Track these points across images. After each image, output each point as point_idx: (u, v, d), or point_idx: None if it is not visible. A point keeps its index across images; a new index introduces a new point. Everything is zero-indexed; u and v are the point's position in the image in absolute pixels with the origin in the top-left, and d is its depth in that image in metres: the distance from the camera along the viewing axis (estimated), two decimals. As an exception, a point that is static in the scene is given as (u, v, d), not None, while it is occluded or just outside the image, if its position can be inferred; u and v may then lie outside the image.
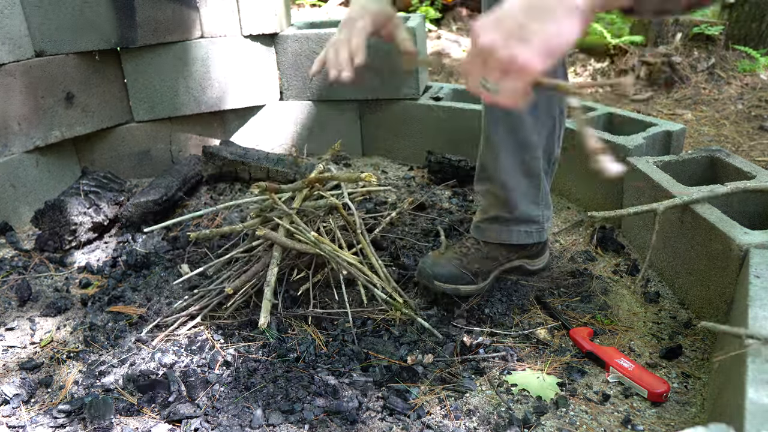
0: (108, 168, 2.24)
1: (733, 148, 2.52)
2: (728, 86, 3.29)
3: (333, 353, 1.28)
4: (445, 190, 2.12)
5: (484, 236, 1.48)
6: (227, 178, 2.18)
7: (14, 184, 1.95)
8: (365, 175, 1.41)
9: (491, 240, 1.47)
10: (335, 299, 1.44)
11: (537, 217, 1.46)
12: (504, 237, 1.46)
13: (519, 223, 1.45)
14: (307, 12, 5.23)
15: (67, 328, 1.45)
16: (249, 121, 2.42)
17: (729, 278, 1.24)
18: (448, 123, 2.25)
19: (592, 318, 1.41)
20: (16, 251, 1.80)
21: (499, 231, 1.46)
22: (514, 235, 1.46)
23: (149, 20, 2.09)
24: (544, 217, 1.47)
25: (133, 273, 1.65)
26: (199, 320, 1.37)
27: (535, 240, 1.48)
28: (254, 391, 1.17)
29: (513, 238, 1.46)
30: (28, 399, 1.21)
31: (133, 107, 2.24)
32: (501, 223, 1.46)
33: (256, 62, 2.29)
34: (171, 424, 1.11)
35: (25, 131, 1.97)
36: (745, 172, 1.50)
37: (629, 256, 1.65)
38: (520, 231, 1.46)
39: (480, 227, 1.49)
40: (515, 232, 1.46)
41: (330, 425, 1.10)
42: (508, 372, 1.24)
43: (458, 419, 1.12)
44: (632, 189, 1.65)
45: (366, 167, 2.36)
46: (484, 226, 1.48)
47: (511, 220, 1.45)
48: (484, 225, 1.48)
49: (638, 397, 1.17)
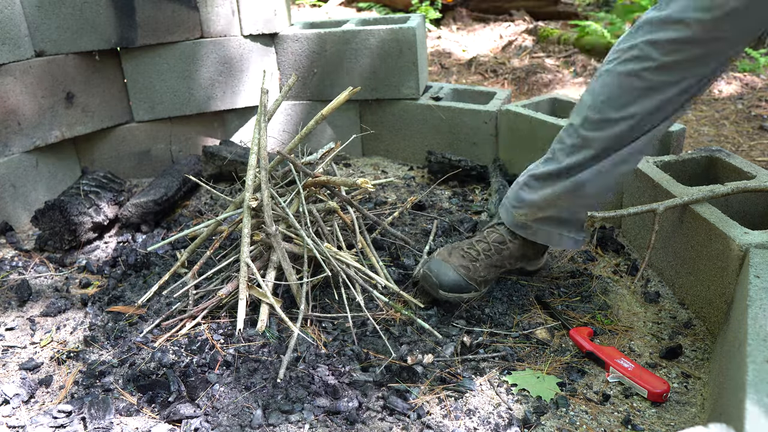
0: (108, 168, 2.24)
1: (733, 148, 2.52)
2: (728, 86, 3.30)
3: (333, 353, 1.28)
4: (445, 190, 2.12)
5: (533, 236, 1.43)
6: (227, 178, 2.18)
7: (14, 184, 1.95)
8: (361, 182, 1.41)
9: (539, 241, 1.43)
10: (335, 299, 1.44)
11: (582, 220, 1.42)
12: (554, 241, 1.42)
13: (573, 229, 1.42)
14: (307, 12, 5.23)
15: (67, 328, 1.45)
16: (249, 121, 2.42)
17: (729, 278, 1.24)
18: (448, 123, 2.26)
19: (592, 318, 1.41)
20: (16, 251, 1.80)
21: (551, 234, 1.42)
22: (564, 241, 1.43)
23: (149, 20, 2.09)
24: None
25: (133, 273, 1.65)
26: (199, 320, 1.37)
27: (574, 247, 1.46)
28: (254, 391, 1.17)
29: (563, 243, 1.43)
30: (28, 399, 1.21)
31: (133, 107, 2.24)
32: (556, 226, 1.41)
33: (256, 62, 2.29)
34: (171, 424, 1.11)
35: (25, 131, 1.97)
36: (745, 172, 1.50)
37: (629, 256, 1.65)
38: (570, 237, 1.43)
39: (530, 226, 1.42)
40: (566, 238, 1.43)
41: (330, 425, 1.10)
42: (508, 372, 1.24)
43: (458, 419, 1.12)
44: (632, 189, 1.65)
45: (366, 167, 2.36)
46: (536, 226, 1.42)
47: (570, 222, 1.41)
48: (537, 225, 1.42)
49: (638, 397, 1.17)
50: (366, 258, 1.54)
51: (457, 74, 3.82)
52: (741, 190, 1.39)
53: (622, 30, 4.22)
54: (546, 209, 1.39)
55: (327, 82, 2.34)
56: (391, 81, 2.28)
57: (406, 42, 2.21)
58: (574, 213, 1.40)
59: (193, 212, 2.02)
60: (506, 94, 2.35)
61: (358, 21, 2.47)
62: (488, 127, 2.19)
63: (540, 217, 1.41)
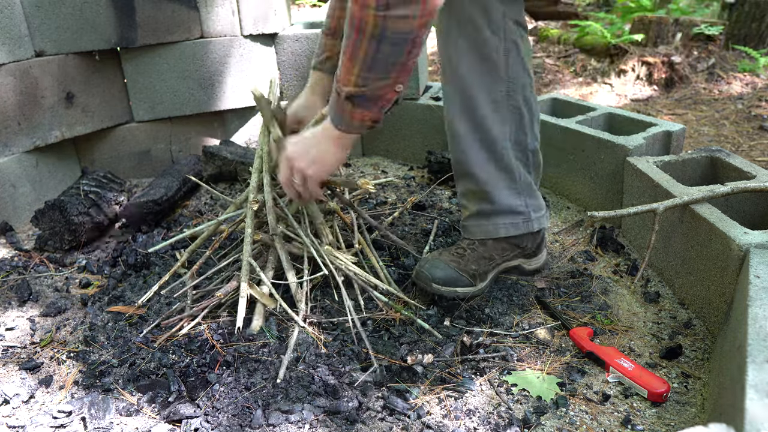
0: (108, 168, 2.24)
1: (733, 148, 2.52)
2: (728, 86, 3.30)
3: (333, 353, 1.28)
4: (445, 190, 2.12)
5: (471, 234, 1.48)
6: (227, 178, 2.18)
7: (14, 184, 1.95)
8: (362, 182, 1.42)
9: (478, 236, 1.46)
10: (335, 299, 1.44)
11: (518, 206, 1.43)
12: (490, 231, 1.45)
13: (501, 215, 1.44)
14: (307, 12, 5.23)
15: (67, 328, 1.45)
16: (249, 121, 2.42)
17: (729, 278, 1.24)
18: (448, 123, 2.25)
19: (592, 318, 1.41)
20: (16, 251, 1.80)
21: (485, 226, 1.45)
22: (500, 229, 1.45)
23: (149, 20, 2.09)
24: (529, 207, 1.45)
25: (133, 273, 1.65)
26: (199, 320, 1.37)
27: (522, 230, 1.45)
28: (254, 391, 1.17)
29: (499, 231, 1.45)
30: (28, 399, 1.21)
31: (133, 107, 2.24)
32: (484, 218, 1.45)
33: (256, 62, 2.29)
34: (171, 424, 1.11)
35: (25, 131, 1.97)
36: (745, 172, 1.50)
37: (629, 256, 1.65)
38: (505, 223, 1.44)
39: (466, 226, 1.49)
40: (501, 226, 1.45)
41: (330, 425, 1.10)
42: (508, 372, 1.24)
43: (458, 419, 1.12)
44: (632, 189, 1.65)
45: (366, 167, 2.36)
46: (469, 224, 1.48)
47: (492, 213, 1.44)
48: (470, 223, 1.48)
49: (638, 397, 1.17)
50: (366, 258, 1.54)
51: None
52: (741, 190, 1.39)
53: (622, 30, 4.22)
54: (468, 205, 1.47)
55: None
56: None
57: (406, 42, 2.21)
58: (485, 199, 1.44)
59: (193, 212, 2.02)
60: (506, 94, 2.34)
61: (358, 21, 2.46)
62: (488, 127, 2.19)
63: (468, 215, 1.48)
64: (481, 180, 1.41)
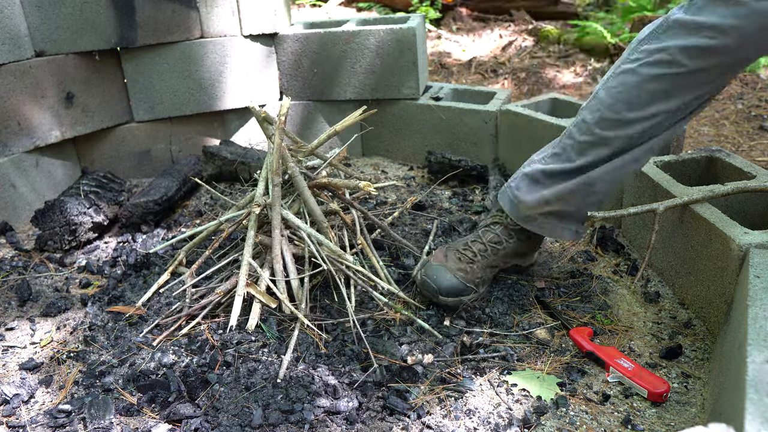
0: (108, 168, 2.24)
1: (733, 148, 2.52)
2: (728, 86, 3.29)
3: (333, 353, 1.28)
4: (445, 190, 2.12)
5: (538, 228, 1.44)
6: (227, 178, 2.18)
7: (14, 184, 1.95)
8: (363, 184, 1.42)
9: (543, 233, 1.45)
10: (335, 299, 1.44)
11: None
12: (557, 233, 1.45)
13: (575, 221, 1.44)
14: (307, 12, 5.23)
15: (67, 328, 1.45)
16: (249, 121, 2.42)
17: (729, 278, 1.24)
18: (448, 123, 2.26)
19: (592, 318, 1.41)
20: (16, 251, 1.80)
21: (554, 226, 1.44)
22: (566, 233, 1.45)
23: (149, 20, 2.09)
24: None
25: (133, 273, 1.65)
26: (199, 320, 1.37)
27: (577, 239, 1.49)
28: (254, 391, 1.17)
29: (565, 235, 1.45)
30: (28, 399, 1.21)
31: (133, 107, 2.24)
32: (560, 219, 1.43)
33: (256, 62, 2.29)
34: (171, 424, 1.11)
35: (25, 131, 1.97)
36: (745, 172, 1.50)
37: (629, 256, 1.65)
38: (572, 230, 1.45)
39: (535, 218, 1.44)
40: (567, 231, 1.45)
41: (330, 425, 1.10)
42: (508, 372, 1.24)
43: (458, 419, 1.12)
44: (632, 189, 1.65)
45: (366, 167, 2.36)
46: (541, 219, 1.44)
47: (574, 215, 1.43)
48: (542, 218, 1.44)
49: (638, 397, 1.17)
50: (366, 258, 1.55)
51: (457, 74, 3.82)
52: (741, 190, 1.39)
53: (622, 30, 4.22)
54: (554, 204, 1.40)
55: (327, 82, 2.34)
56: (391, 81, 2.28)
57: (406, 42, 2.21)
58: (581, 208, 1.41)
59: (193, 212, 2.02)
60: (506, 94, 2.35)
61: (358, 21, 2.47)
62: (488, 127, 2.19)
63: (546, 211, 1.42)
64: (603, 190, 1.39)
